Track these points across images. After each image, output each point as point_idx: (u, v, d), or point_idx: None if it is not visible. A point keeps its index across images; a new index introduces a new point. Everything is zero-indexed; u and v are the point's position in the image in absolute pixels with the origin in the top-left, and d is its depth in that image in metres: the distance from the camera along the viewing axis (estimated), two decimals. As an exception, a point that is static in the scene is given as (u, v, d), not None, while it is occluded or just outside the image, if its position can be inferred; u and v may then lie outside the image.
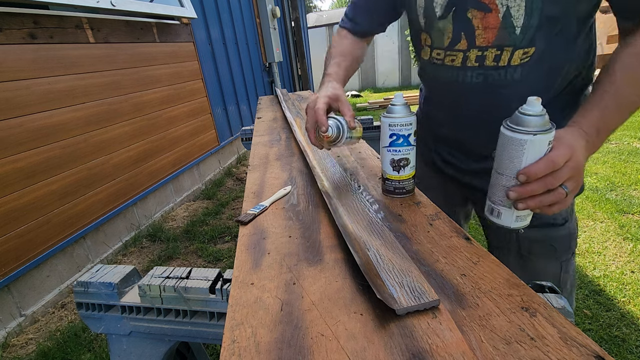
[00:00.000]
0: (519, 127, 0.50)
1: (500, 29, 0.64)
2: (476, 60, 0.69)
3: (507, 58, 0.66)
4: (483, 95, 0.71)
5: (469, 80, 0.71)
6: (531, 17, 0.61)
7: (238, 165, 4.29)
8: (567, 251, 0.78)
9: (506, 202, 0.54)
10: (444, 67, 0.74)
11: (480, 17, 0.65)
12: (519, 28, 0.63)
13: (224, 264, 2.19)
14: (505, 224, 0.56)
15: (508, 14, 0.62)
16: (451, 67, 0.73)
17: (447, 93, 0.79)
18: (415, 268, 0.49)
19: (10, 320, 1.76)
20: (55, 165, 1.96)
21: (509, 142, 0.51)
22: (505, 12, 0.62)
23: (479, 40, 0.67)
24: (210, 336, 0.69)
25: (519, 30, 0.63)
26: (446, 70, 0.74)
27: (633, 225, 2.15)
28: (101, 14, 2.29)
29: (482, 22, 0.65)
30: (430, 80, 0.84)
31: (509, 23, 0.63)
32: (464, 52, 0.70)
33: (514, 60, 0.66)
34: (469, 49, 0.69)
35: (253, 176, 0.92)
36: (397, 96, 0.67)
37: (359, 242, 0.56)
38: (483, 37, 0.66)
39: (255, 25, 4.92)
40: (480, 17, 0.65)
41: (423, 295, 0.43)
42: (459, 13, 0.67)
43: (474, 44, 0.68)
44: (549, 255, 0.79)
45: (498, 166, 0.54)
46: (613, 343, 1.41)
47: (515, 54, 0.65)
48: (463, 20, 0.67)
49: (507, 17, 0.63)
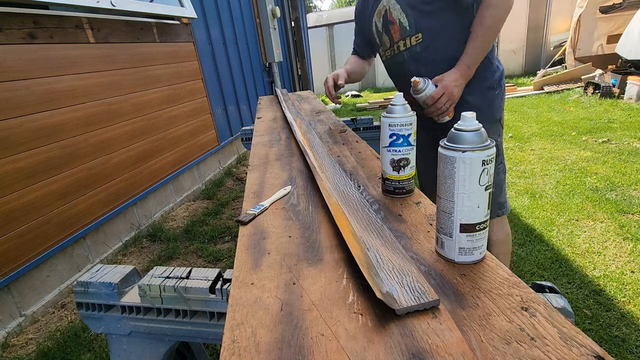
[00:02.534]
0: (450, 144, 0.47)
1: (400, 31, 1.19)
2: (397, 48, 1.23)
3: (409, 42, 1.19)
4: (409, 66, 1.22)
5: (401, 59, 1.24)
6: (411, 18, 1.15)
7: (238, 165, 4.29)
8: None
9: (447, 230, 0.50)
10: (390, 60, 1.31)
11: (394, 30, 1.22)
12: (407, 26, 1.17)
13: (224, 264, 2.19)
14: (449, 257, 0.51)
15: (400, 23, 1.18)
16: (391, 57, 1.29)
17: (397, 72, 1.30)
18: (415, 268, 0.49)
19: (10, 320, 1.76)
20: (55, 165, 1.96)
21: (441, 160, 0.49)
22: (399, 23, 1.18)
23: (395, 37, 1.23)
24: (210, 336, 0.69)
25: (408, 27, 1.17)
26: (392, 60, 1.30)
27: (633, 225, 2.15)
28: (101, 14, 2.29)
29: (392, 29, 1.22)
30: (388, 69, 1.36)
31: (402, 27, 1.18)
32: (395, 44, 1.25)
33: (412, 42, 1.18)
34: (397, 42, 1.23)
35: (253, 176, 0.92)
36: (397, 96, 0.67)
37: (359, 241, 0.55)
38: (395, 36, 1.23)
39: (255, 25, 4.92)
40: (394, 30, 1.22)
41: (423, 295, 0.43)
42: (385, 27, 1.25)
43: (391, 38, 1.24)
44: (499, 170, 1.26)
45: (438, 190, 0.51)
46: (613, 343, 1.41)
47: (413, 39, 1.17)
48: (387, 31, 1.24)
49: (400, 24, 1.18)
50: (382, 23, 1.22)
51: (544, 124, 4.47)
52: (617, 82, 5.42)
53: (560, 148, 3.59)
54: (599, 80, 5.52)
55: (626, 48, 5.42)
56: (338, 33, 10.38)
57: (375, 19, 1.25)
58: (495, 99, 1.21)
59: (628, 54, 5.39)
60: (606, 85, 5.38)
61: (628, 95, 5.09)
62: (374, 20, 1.26)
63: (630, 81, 5.10)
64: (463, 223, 0.48)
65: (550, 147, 3.66)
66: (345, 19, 10.25)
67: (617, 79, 5.42)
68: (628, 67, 5.57)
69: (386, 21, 1.21)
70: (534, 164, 3.25)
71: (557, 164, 3.19)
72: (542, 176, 3.01)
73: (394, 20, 1.18)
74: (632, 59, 5.36)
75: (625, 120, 4.24)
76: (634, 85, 5.01)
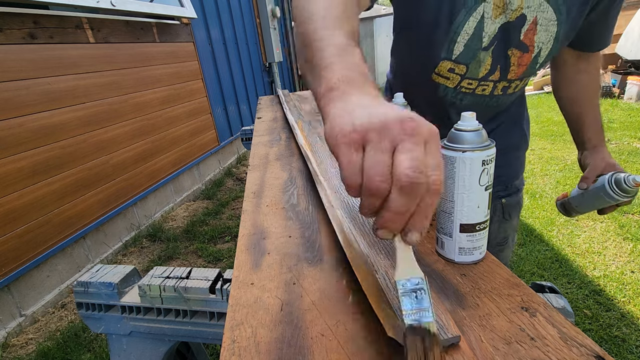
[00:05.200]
0: (450, 144, 0.47)
1: (529, 66, 0.73)
2: (501, 90, 0.77)
3: (521, 84, 0.78)
4: (483, 109, 0.80)
5: (486, 103, 0.79)
6: (549, 56, 0.72)
7: (238, 165, 4.29)
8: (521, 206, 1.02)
9: (447, 230, 0.50)
10: (472, 95, 0.78)
11: (519, 55, 0.71)
12: (538, 65, 0.73)
13: (224, 264, 2.19)
14: (449, 257, 0.51)
15: (538, 54, 0.71)
16: (480, 95, 0.77)
17: (455, 110, 0.81)
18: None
19: (10, 320, 1.76)
20: (55, 165, 1.96)
21: (443, 160, 0.48)
22: (536, 53, 0.70)
23: (511, 74, 0.74)
24: (210, 336, 0.69)
25: (537, 67, 0.73)
26: (472, 97, 0.78)
27: (633, 225, 2.15)
28: (101, 14, 2.29)
29: (518, 60, 0.71)
30: (441, 102, 0.81)
31: (535, 61, 0.72)
32: (494, 82, 0.75)
33: (521, 85, 0.79)
34: (499, 81, 0.75)
35: (253, 176, 0.92)
36: (397, 96, 0.67)
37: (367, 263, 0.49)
38: (514, 72, 0.73)
39: (255, 25, 4.92)
40: (519, 55, 0.71)
41: (441, 331, 0.37)
42: (500, 48, 0.71)
43: (505, 77, 0.74)
44: (519, 212, 0.98)
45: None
46: (613, 343, 1.41)
47: (524, 80, 0.77)
48: (502, 55, 0.71)
49: (537, 56, 0.71)
50: (502, 37, 0.69)
51: (544, 124, 4.47)
52: (617, 82, 5.42)
53: (560, 148, 3.59)
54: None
55: (626, 48, 5.42)
56: (338, 33, 10.37)
57: (489, 17, 0.67)
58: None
59: (628, 54, 5.39)
60: (606, 85, 5.38)
61: (628, 95, 5.09)
62: (482, 15, 0.67)
63: (630, 81, 5.10)
64: (463, 223, 0.49)
65: (550, 147, 3.66)
66: (345, 19, 10.24)
67: (617, 79, 5.42)
68: (628, 67, 5.58)
69: (514, 41, 0.69)
70: (534, 164, 3.25)
71: (557, 164, 3.19)
72: (542, 176, 3.01)
73: (532, 44, 0.69)
74: (632, 59, 5.36)
75: (625, 120, 4.23)
76: (634, 85, 5.01)
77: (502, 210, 0.94)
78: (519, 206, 0.99)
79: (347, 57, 0.43)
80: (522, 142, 0.96)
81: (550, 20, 0.66)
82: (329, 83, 0.40)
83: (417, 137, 0.29)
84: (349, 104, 0.35)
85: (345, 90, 0.38)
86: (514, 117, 0.91)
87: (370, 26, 10.11)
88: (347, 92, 0.38)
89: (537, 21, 0.67)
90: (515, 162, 0.96)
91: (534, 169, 3.16)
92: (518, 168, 0.98)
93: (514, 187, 0.95)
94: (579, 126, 0.90)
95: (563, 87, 0.90)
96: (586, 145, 0.90)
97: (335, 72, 0.40)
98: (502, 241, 0.98)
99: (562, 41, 0.70)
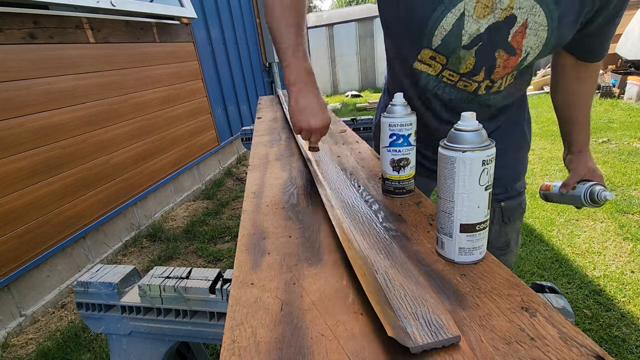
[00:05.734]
0: (450, 144, 0.47)
1: (514, 68, 0.73)
2: (485, 89, 0.78)
3: (503, 84, 0.78)
4: (469, 106, 0.81)
5: (471, 99, 0.80)
6: (536, 60, 0.73)
7: (238, 165, 4.29)
8: (524, 209, 1.01)
9: (447, 230, 0.50)
10: (454, 88, 0.79)
11: (505, 58, 0.71)
12: (524, 66, 0.74)
13: (224, 264, 2.19)
14: (449, 257, 0.51)
15: (524, 59, 0.71)
16: (462, 90, 0.79)
17: (439, 102, 0.83)
18: (430, 295, 0.43)
19: (10, 320, 1.76)
20: (55, 165, 1.96)
21: (442, 160, 0.48)
22: (523, 57, 0.71)
23: (495, 75, 0.74)
24: (210, 336, 0.69)
25: (523, 67, 0.74)
26: (456, 91, 0.79)
27: (633, 225, 2.15)
28: (101, 14, 2.29)
29: (504, 62, 0.72)
30: (424, 92, 0.82)
31: (520, 64, 0.72)
32: (479, 82, 0.76)
33: (506, 83, 0.78)
34: (483, 80, 0.76)
35: (253, 176, 0.92)
36: (397, 96, 0.67)
37: (367, 263, 0.50)
38: (499, 74, 0.74)
39: (255, 25, 4.92)
40: (505, 58, 0.71)
41: (441, 330, 0.37)
42: (486, 50, 0.70)
43: (489, 77, 0.75)
44: (520, 216, 0.98)
45: (438, 190, 0.51)
46: (613, 343, 1.41)
47: (507, 79, 0.77)
48: (488, 57, 0.71)
49: (523, 60, 0.71)
50: (488, 39, 0.68)
51: (544, 124, 4.47)
52: (617, 82, 5.42)
53: (560, 148, 3.59)
54: (599, 80, 5.52)
55: (626, 48, 5.43)
56: (338, 33, 10.37)
57: (470, 15, 0.66)
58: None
59: (628, 54, 5.40)
60: (606, 85, 5.38)
61: (628, 95, 5.09)
62: (462, 13, 0.66)
63: (630, 81, 5.10)
64: (463, 223, 0.49)
65: (550, 147, 3.66)
66: (345, 19, 10.25)
67: (617, 79, 5.42)
68: (628, 67, 5.58)
69: (501, 42, 0.69)
70: (534, 164, 3.25)
71: (557, 164, 3.19)
72: (542, 176, 3.01)
73: (520, 47, 0.69)
74: (632, 59, 5.37)
75: (625, 120, 4.24)
76: (634, 85, 5.01)
77: (502, 213, 0.93)
78: (521, 210, 0.97)
79: (299, 61, 0.74)
80: (523, 143, 0.96)
81: (541, 25, 0.66)
82: (289, 79, 0.74)
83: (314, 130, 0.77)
84: (300, 102, 0.75)
85: (300, 89, 0.74)
86: (515, 118, 0.92)
87: (370, 26, 10.12)
88: (301, 90, 0.74)
89: (527, 24, 0.66)
90: (515, 163, 0.96)
91: (534, 169, 3.16)
92: (519, 170, 0.97)
93: (514, 190, 0.94)
94: (568, 128, 0.95)
95: (560, 90, 0.92)
96: (572, 148, 0.95)
97: (292, 73, 0.74)
98: (504, 245, 0.97)
99: (551, 49, 0.70)
